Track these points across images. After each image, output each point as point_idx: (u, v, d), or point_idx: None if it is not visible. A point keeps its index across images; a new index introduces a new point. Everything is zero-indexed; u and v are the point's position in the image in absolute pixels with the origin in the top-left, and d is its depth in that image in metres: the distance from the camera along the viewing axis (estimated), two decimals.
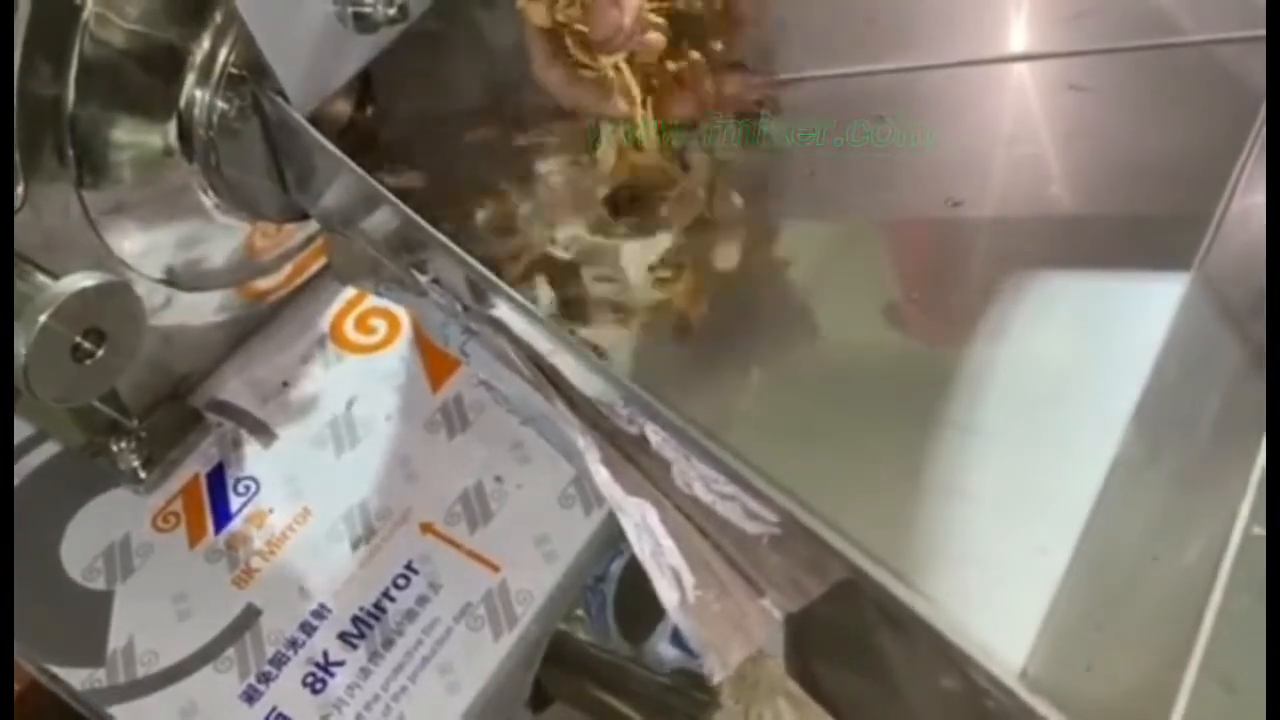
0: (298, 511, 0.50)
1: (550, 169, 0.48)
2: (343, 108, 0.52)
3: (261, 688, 0.45)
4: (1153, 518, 0.32)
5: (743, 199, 0.43)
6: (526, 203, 0.46)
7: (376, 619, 0.47)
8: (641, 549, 0.30)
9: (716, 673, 0.28)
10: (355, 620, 0.47)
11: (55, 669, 0.46)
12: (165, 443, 0.51)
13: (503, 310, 0.34)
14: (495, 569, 0.48)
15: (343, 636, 0.47)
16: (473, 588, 0.48)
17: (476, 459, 0.51)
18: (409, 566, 0.48)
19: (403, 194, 0.40)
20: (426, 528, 0.50)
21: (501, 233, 0.45)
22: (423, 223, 0.35)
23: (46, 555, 0.49)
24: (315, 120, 0.48)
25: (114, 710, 0.45)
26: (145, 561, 0.49)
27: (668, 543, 0.29)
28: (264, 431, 0.53)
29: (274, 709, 0.45)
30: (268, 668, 0.46)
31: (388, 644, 0.46)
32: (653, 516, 0.30)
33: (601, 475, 0.31)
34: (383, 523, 0.50)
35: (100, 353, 0.40)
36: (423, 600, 0.48)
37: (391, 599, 0.48)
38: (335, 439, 0.52)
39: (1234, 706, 0.27)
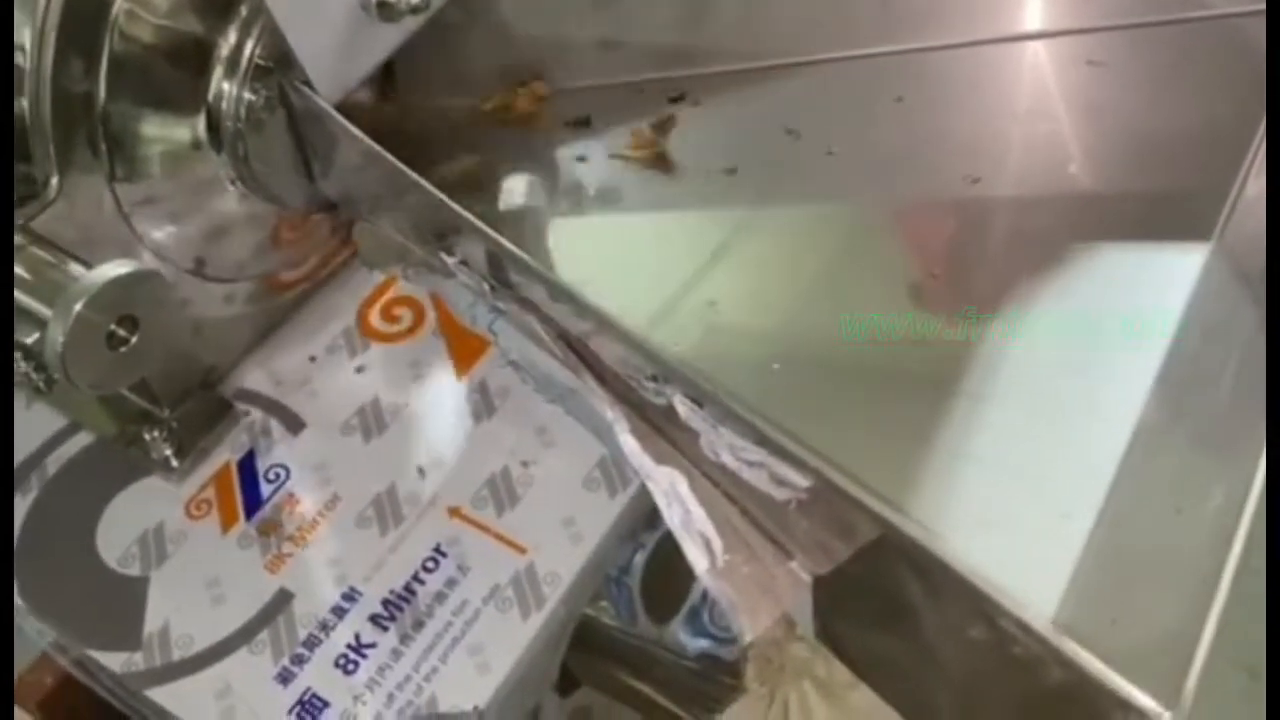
0: (327, 498, 0.51)
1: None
2: (365, 98, 0.53)
3: (295, 669, 0.46)
4: (1176, 476, 0.32)
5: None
6: None
7: (407, 601, 0.48)
8: (671, 517, 0.30)
9: (746, 633, 0.29)
10: (385, 603, 0.48)
11: (94, 653, 0.47)
12: (196, 432, 0.52)
13: (532, 288, 0.35)
14: (523, 551, 0.49)
15: (374, 619, 0.47)
16: (501, 570, 0.48)
17: (503, 443, 0.52)
18: (438, 550, 0.49)
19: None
20: (454, 511, 0.50)
21: None
22: (453, 204, 0.36)
23: (83, 543, 0.49)
24: (340, 111, 0.48)
25: (152, 692, 0.46)
26: (179, 548, 0.49)
27: (697, 510, 0.30)
28: (293, 420, 0.54)
29: (308, 689, 0.46)
30: (301, 650, 0.47)
31: (418, 625, 0.47)
32: (682, 485, 0.30)
33: (631, 445, 0.31)
34: (411, 507, 0.50)
35: (134, 340, 0.41)
36: (452, 583, 0.48)
37: (421, 581, 0.48)
38: (363, 426, 0.53)
39: (1253, 661, 0.28)
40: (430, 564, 0.49)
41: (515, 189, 0.50)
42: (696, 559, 0.30)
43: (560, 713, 0.64)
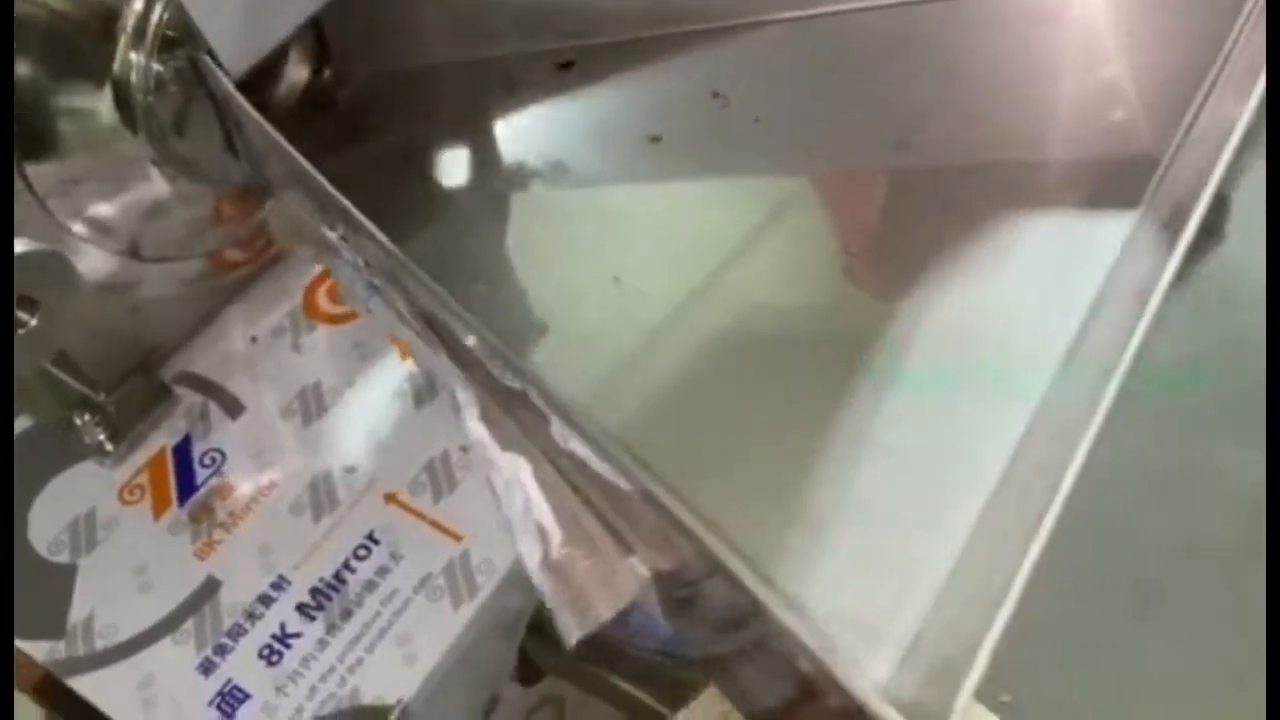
0: (263, 483, 0.50)
1: None
2: (300, 70, 0.51)
3: (218, 659, 0.45)
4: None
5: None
6: None
7: (336, 590, 0.46)
8: (510, 506, 0.28)
9: (571, 633, 0.27)
10: (314, 592, 0.46)
11: (20, 642, 0.46)
12: (133, 416, 0.51)
13: (387, 260, 0.33)
14: (458, 539, 0.47)
15: (301, 608, 0.46)
16: (434, 558, 0.47)
17: (443, 428, 0.50)
18: (370, 537, 0.48)
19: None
20: (390, 497, 0.49)
21: None
22: (309, 167, 0.34)
23: (13, 530, 0.49)
24: (269, 83, 0.47)
25: (73, 682, 0.45)
26: (110, 534, 0.48)
27: (538, 498, 0.28)
28: (232, 403, 0.52)
29: (229, 681, 0.44)
30: (225, 640, 0.45)
31: (346, 615, 0.46)
32: (526, 472, 0.29)
33: (477, 432, 0.30)
34: (346, 493, 0.49)
35: (34, 322, 0.39)
36: (383, 571, 0.47)
37: (352, 570, 0.47)
38: (304, 409, 0.52)
39: None
40: (362, 552, 0.47)
41: (460, 163, 0.49)
42: (529, 551, 0.28)
43: (523, 702, 0.62)
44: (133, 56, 0.43)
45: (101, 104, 0.43)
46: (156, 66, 0.43)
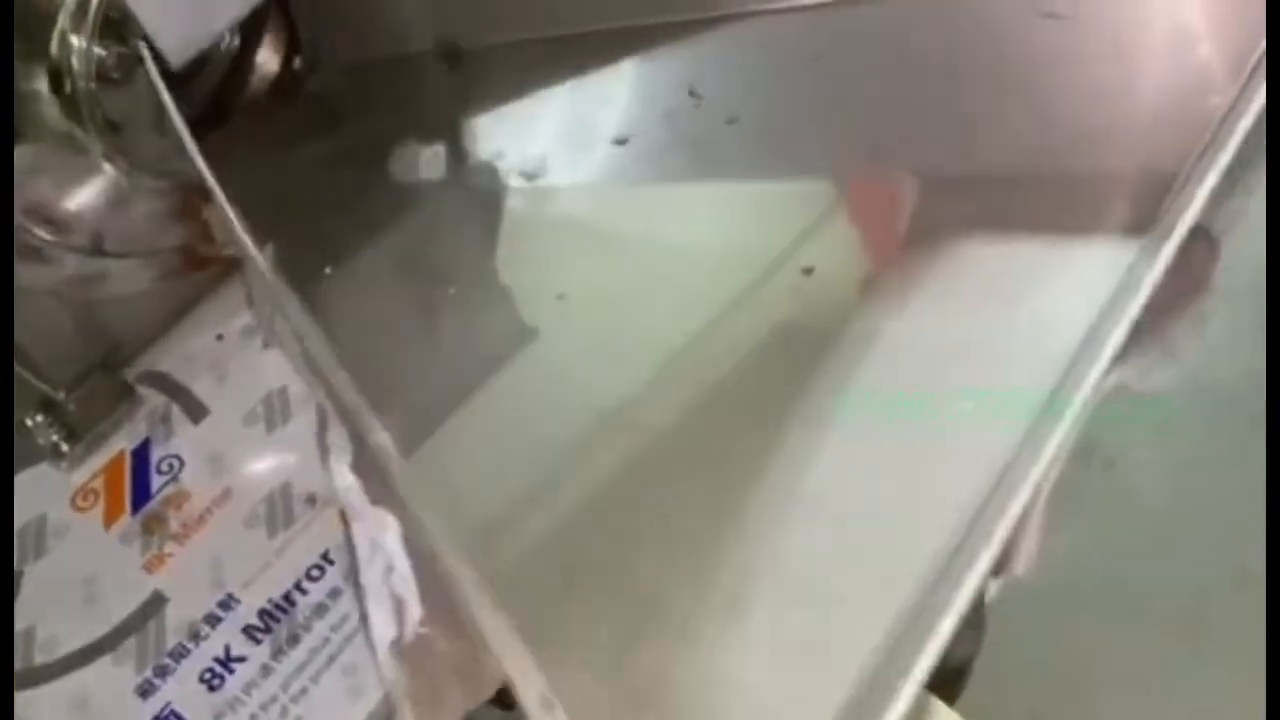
0: (218, 492, 0.47)
1: None
2: (271, 60, 0.48)
3: (158, 682, 0.42)
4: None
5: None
6: None
7: (284, 612, 0.44)
8: (371, 572, 0.25)
9: None
10: (262, 613, 0.44)
11: None
12: (93, 416, 0.49)
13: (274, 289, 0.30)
14: None
15: (248, 630, 0.43)
16: None
17: None
18: (325, 557, 0.45)
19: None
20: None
21: None
22: (208, 176, 0.31)
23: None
24: (238, 73, 0.44)
25: None
26: (60, 542, 0.46)
27: (403, 566, 0.25)
28: (195, 406, 0.50)
29: (167, 705, 0.42)
30: (166, 660, 0.43)
31: (293, 640, 0.43)
32: (393, 533, 0.25)
33: (345, 480, 0.27)
34: (304, 508, 0.46)
35: None
36: (335, 594, 0.44)
37: (303, 591, 0.44)
38: (268, 415, 0.49)
39: None
40: (315, 572, 0.44)
41: (426, 159, 0.45)
42: (380, 630, 0.25)
43: None
44: (73, 40, 0.40)
45: (40, 86, 0.41)
46: (99, 51, 0.40)
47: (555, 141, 0.40)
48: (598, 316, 0.33)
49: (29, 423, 0.47)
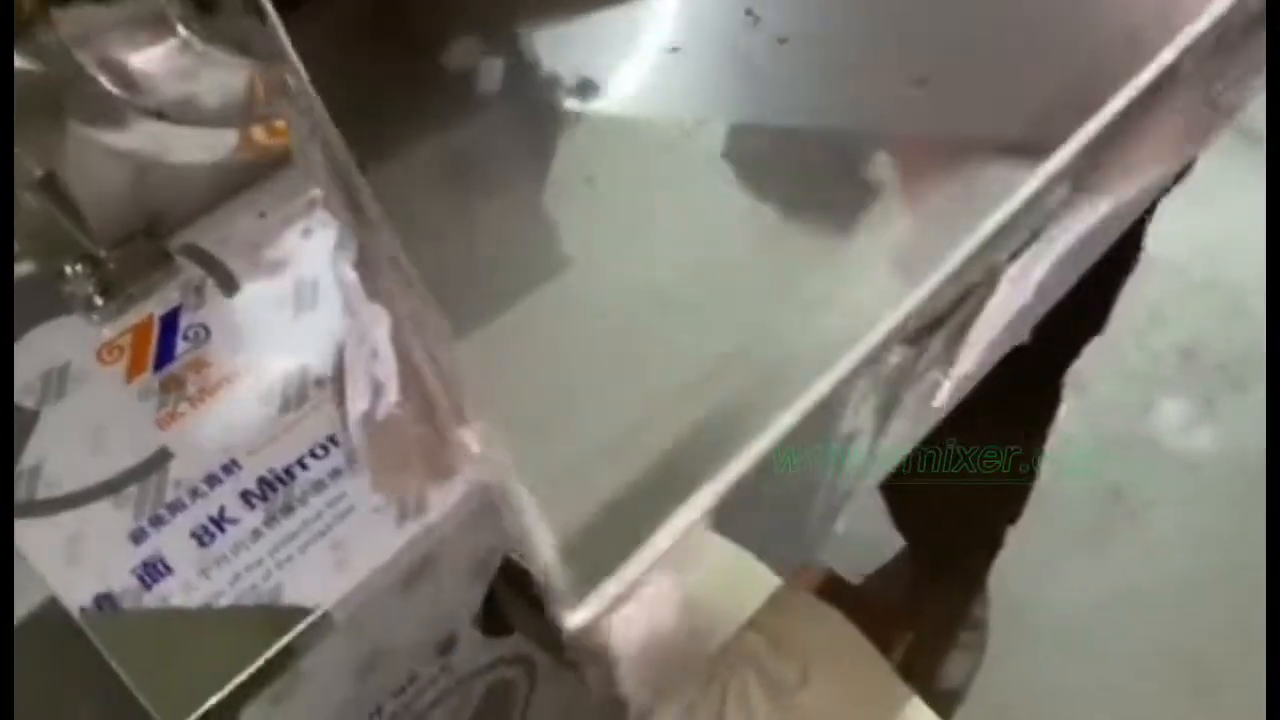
0: (239, 366, 0.48)
1: None
2: None
3: (151, 530, 0.43)
4: None
5: None
6: None
7: (284, 483, 0.44)
8: (355, 354, 0.26)
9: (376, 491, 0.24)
10: (261, 481, 0.44)
11: None
12: (129, 277, 0.50)
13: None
14: None
15: (245, 495, 0.44)
16: None
17: None
18: (331, 439, 0.46)
19: None
20: None
21: None
22: (289, 52, 0.32)
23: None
24: None
25: None
26: (79, 388, 0.47)
27: (386, 353, 0.25)
28: (229, 281, 0.51)
29: (156, 552, 0.43)
30: (163, 511, 0.44)
31: (287, 510, 0.44)
32: (383, 328, 0.26)
33: (349, 277, 0.27)
34: (318, 391, 0.47)
35: None
36: (336, 473, 0.45)
37: (305, 467, 0.45)
38: (296, 300, 0.50)
39: None
40: (320, 451, 0.45)
41: (484, 69, 0.46)
42: (354, 402, 0.25)
43: (487, 653, 0.60)
44: None
45: None
46: None
47: (609, 54, 0.41)
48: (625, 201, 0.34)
49: (68, 270, 0.49)
